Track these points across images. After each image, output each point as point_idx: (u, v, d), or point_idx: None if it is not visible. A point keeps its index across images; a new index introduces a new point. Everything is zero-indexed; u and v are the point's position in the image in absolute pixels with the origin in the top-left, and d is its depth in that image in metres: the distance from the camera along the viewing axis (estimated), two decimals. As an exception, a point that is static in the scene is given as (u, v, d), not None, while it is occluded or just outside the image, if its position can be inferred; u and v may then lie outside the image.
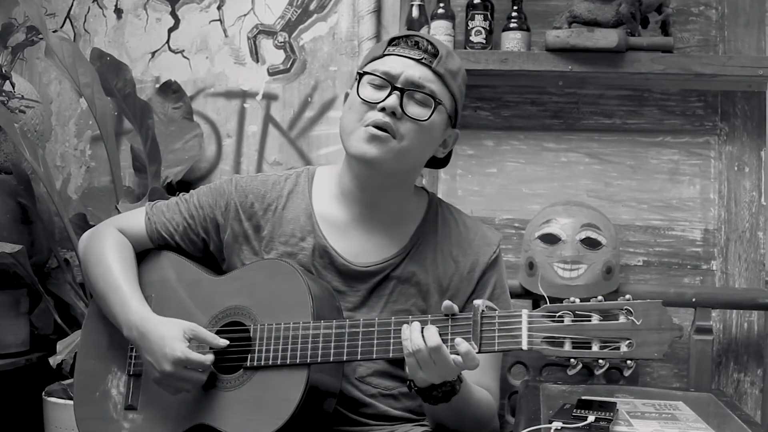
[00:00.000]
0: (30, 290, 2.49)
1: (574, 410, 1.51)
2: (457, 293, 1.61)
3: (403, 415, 1.61)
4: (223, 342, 1.50)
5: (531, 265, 2.30)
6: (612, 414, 1.50)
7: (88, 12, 2.80)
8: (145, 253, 1.68)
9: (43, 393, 2.38)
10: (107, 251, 1.62)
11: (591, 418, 1.46)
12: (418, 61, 1.52)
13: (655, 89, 2.50)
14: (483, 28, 2.41)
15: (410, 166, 1.60)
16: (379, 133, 1.49)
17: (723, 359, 2.45)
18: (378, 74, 1.53)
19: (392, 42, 1.56)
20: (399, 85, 1.51)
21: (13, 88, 2.39)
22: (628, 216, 2.51)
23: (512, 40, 2.40)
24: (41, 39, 2.42)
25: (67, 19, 2.81)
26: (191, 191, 1.71)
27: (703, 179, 2.48)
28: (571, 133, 2.54)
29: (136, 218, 1.69)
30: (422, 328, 1.38)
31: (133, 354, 1.60)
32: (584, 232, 2.26)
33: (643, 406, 1.68)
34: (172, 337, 1.47)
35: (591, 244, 2.25)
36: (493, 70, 2.38)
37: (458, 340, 1.36)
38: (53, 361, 2.23)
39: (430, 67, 1.52)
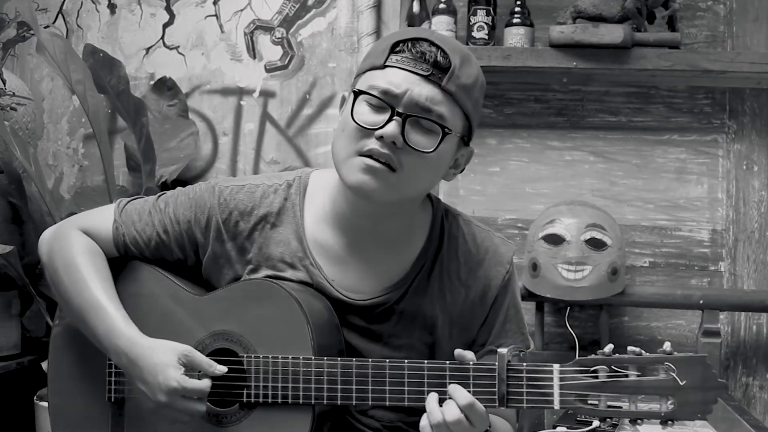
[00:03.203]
0: (21, 292, 2.47)
1: (579, 414, 1.48)
2: (469, 322, 1.49)
3: None
4: (221, 369, 1.37)
5: (534, 266, 2.27)
6: (617, 419, 1.46)
7: (80, 7, 2.78)
8: (118, 260, 1.52)
9: (35, 397, 2.36)
10: (78, 260, 1.45)
11: (596, 423, 1.44)
12: (425, 77, 1.31)
13: (662, 86, 2.48)
14: (485, 23, 2.38)
15: (413, 195, 1.43)
16: (377, 165, 1.31)
17: (731, 362, 2.43)
18: (376, 94, 1.32)
19: (395, 48, 1.34)
20: (401, 110, 1.30)
21: (4, 84, 2.38)
22: (633, 216, 2.48)
23: (515, 36, 2.38)
24: (32, 35, 2.40)
25: (60, 15, 2.79)
26: (167, 196, 1.51)
27: (710, 178, 2.46)
28: (575, 131, 2.52)
29: (103, 221, 1.50)
30: (440, 399, 1.28)
31: (113, 379, 1.48)
32: (589, 233, 2.24)
33: (651, 411, 1.64)
34: (165, 364, 1.34)
35: (596, 244, 2.23)
36: (495, 67, 2.35)
37: (473, 408, 1.25)
38: (46, 366, 2.19)
39: (439, 85, 1.31)
